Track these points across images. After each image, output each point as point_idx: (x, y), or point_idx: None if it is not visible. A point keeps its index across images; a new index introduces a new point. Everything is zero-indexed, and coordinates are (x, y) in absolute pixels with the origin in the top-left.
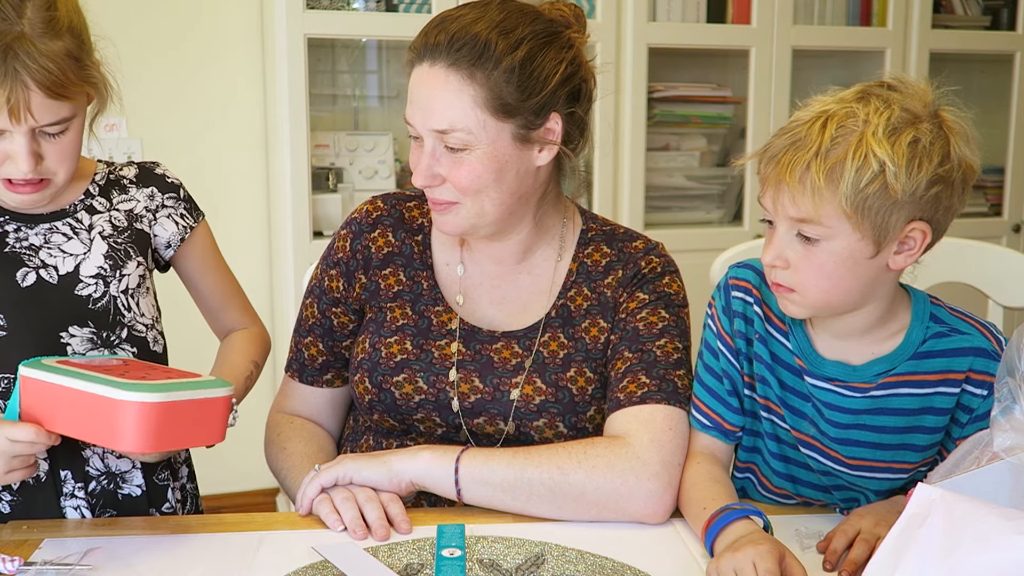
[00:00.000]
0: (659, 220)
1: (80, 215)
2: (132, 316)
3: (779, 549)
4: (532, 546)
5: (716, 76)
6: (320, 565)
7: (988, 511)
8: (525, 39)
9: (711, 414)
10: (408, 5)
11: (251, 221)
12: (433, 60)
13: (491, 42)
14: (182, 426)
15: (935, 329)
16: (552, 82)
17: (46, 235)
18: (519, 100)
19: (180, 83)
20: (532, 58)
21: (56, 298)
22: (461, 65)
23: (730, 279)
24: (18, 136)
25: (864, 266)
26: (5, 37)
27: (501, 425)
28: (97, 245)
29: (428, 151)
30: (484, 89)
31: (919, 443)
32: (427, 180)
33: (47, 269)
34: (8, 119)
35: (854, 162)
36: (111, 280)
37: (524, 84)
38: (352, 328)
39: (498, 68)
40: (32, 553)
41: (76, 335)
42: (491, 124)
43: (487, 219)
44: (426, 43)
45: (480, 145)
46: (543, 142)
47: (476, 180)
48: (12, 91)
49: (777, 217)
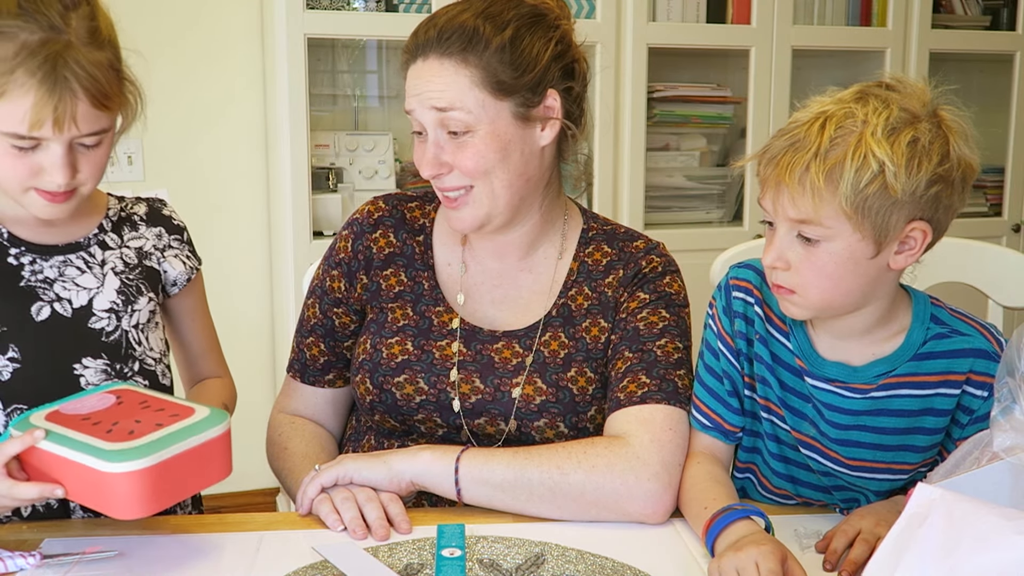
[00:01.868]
0: (659, 220)
1: (93, 249)
2: (143, 350)
3: (781, 550)
4: (532, 546)
5: (716, 76)
6: (320, 565)
7: (988, 511)
8: (511, 21)
9: (711, 414)
10: (408, 5)
11: (251, 221)
12: (426, 55)
13: (478, 27)
14: (182, 478)
15: (936, 330)
16: (544, 58)
17: (60, 268)
18: (514, 77)
19: (180, 83)
20: (521, 36)
21: (70, 331)
22: (453, 52)
23: (731, 279)
24: (55, 147)
25: (865, 266)
26: (54, 46)
27: (502, 425)
28: (110, 280)
29: (432, 141)
30: (479, 70)
31: (919, 444)
32: (435, 169)
33: (61, 303)
34: (52, 128)
35: (853, 162)
36: (123, 315)
37: (517, 61)
38: (353, 329)
39: (488, 49)
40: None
41: (90, 367)
42: (490, 103)
43: (500, 204)
44: (416, 42)
45: (481, 125)
46: (543, 119)
47: (482, 161)
48: (61, 100)
49: (777, 218)
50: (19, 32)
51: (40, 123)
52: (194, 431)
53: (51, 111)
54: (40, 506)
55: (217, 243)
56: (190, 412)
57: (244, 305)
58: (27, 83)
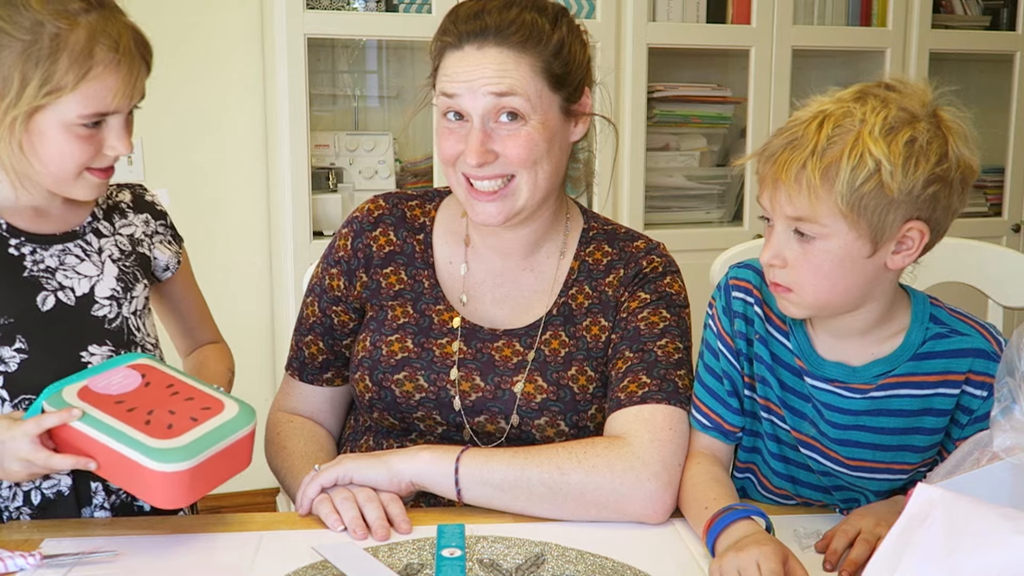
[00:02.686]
0: (659, 220)
1: (89, 238)
2: (142, 336)
3: (783, 550)
4: (532, 546)
5: (716, 76)
6: (320, 565)
7: (988, 511)
8: (559, 15)
9: (711, 414)
10: (408, 5)
11: (251, 221)
12: (481, 43)
13: (536, 21)
14: (213, 473)
15: (935, 330)
16: (583, 57)
17: (60, 256)
18: (565, 73)
19: (180, 83)
20: (572, 35)
21: (74, 319)
22: (513, 43)
23: (730, 279)
24: (118, 118)
25: (862, 265)
26: (112, 20)
27: (502, 423)
28: (108, 268)
29: (478, 127)
30: (540, 61)
31: (919, 444)
32: (481, 156)
33: (64, 291)
34: (127, 99)
35: (850, 161)
36: (123, 302)
37: (567, 58)
38: (352, 327)
39: (549, 43)
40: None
41: (96, 354)
42: (546, 95)
43: (538, 196)
44: (467, 29)
45: (535, 114)
46: (579, 115)
47: (534, 149)
48: (131, 69)
49: (775, 216)
50: (77, 15)
51: (123, 96)
52: (228, 430)
53: (132, 82)
54: (49, 492)
55: (217, 243)
56: (220, 407)
57: (244, 304)
58: (110, 60)
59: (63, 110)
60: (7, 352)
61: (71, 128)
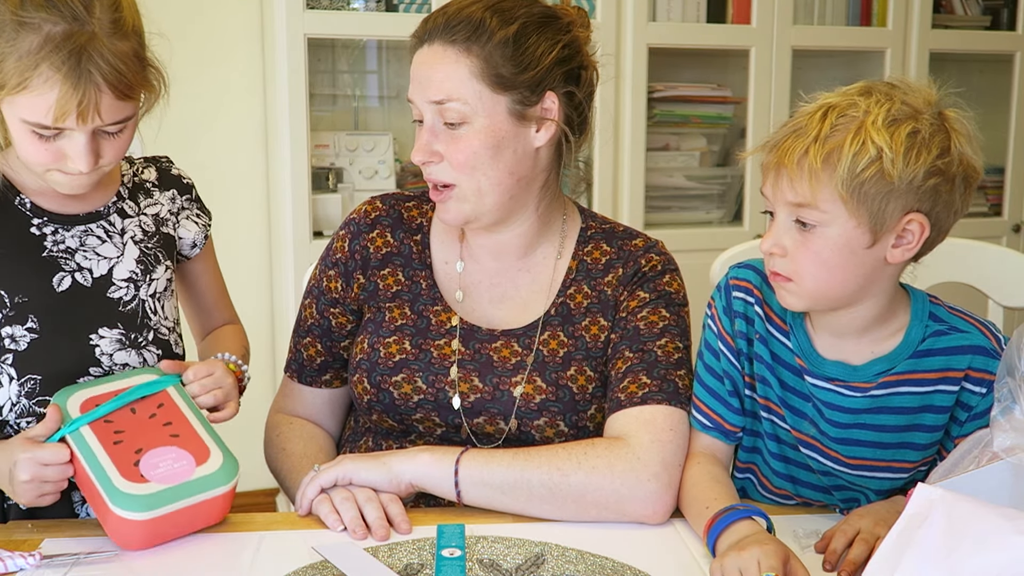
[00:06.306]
0: (659, 220)
1: (112, 218)
2: (158, 319)
3: (784, 550)
4: (532, 546)
5: (716, 76)
6: (320, 565)
7: (988, 511)
8: (519, 17)
9: (711, 414)
10: (408, 5)
11: (251, 221)
12: (431, 40)
13: (485, 19)
14: (175, 525)
15: (934, 327)
16: (547, 59)
17: (82, 237)
18: (513, 73)
19: (180, 83)
20: (527, 34)
21: (89, 301)
22: (457, 40)
23: (730, 279)
24: (79, 135)
25: (861, 256)
26: (79, 39)
27: (501, 424)
28: (130, 250)
29: (428, 127)
30: (480, 60)
31: (919, 442)
32: (425, 156)
33: (82, 272)
34: (76, 120)
35: (852, 147)
36: (141, 284)
37: (518, 58)
38: (350, 329)
39: (492, 41)
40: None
41: (106, 336)
42: (487, 95)
43: (486, 202)
44: (425, 28)
45: (476, 117)
46: (540, 120)
47: (472, 156)
48: (85, 94)
49: (776, 203)
50: (43, 24)
51: (64, 116)
52: (200, 487)
53: (75, 105)
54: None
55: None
56: (205, 456)
57: (244, 305)
58: (52, 77)
59: (14, 107)
60: (19, 331)
61: (26, 126)
